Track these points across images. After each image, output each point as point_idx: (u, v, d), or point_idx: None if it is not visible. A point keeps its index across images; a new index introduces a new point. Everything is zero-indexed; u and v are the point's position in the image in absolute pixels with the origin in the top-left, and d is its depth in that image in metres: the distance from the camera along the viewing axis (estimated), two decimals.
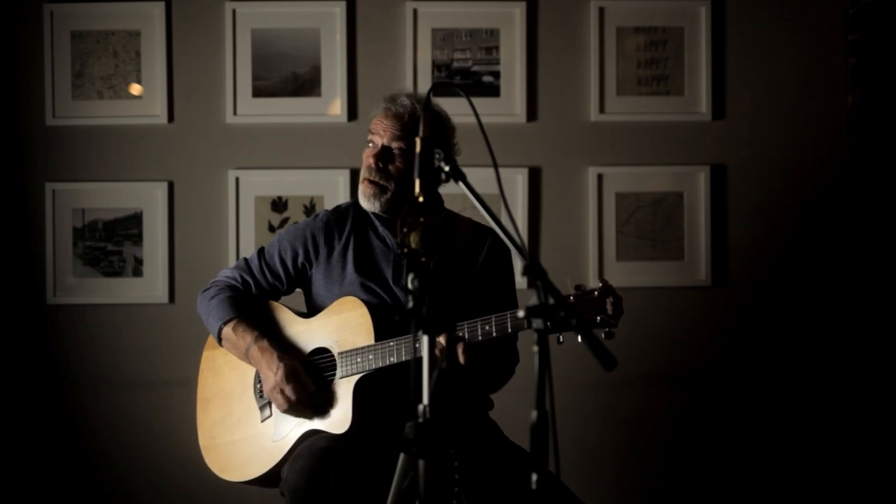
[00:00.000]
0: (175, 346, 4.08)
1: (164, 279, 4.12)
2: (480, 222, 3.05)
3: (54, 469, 4.11)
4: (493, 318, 2.71)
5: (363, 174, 3.00)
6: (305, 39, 4.14)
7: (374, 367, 2.84)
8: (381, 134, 2.97)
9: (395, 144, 2.96)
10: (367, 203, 3.01)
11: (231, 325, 3.01)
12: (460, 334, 2.72)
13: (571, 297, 2.65)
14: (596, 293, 2.65)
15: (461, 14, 4.16)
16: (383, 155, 2.96)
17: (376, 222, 3.06)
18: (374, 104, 3.09)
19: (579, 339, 2.07)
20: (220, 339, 3.05)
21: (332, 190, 4.12)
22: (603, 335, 2.64)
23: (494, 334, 2.72)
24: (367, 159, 2.98)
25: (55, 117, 4.11)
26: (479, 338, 2.73)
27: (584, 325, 2.03)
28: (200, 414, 3.14)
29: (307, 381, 2.90)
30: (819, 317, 4.18)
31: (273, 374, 2.90)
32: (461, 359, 2.70)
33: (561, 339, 2.58)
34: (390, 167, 2.96)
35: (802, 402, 4.18)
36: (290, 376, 2.89)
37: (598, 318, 2.63)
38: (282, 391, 2.88)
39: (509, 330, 2.70)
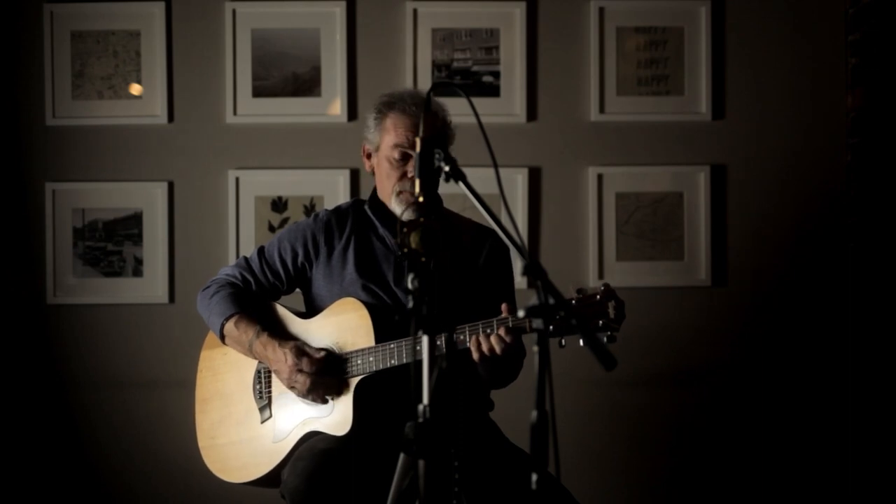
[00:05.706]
0: (175, 346, 4.08)
1: (164, 279, 4.12)
2: (481, 222, 3.04)
3: (54, 469, 4.11)
4: (495, 322, 2.69)
5: (404, 188, 2.93)
6: (305, 39, 4.14)
7: (374, 369, 2.83)
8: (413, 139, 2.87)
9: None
10: (409, 214, 2.85)
11: (233, 320, 3.00)
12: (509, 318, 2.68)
13: (573, 301, 2.62)
14: (598, 297, 2.62)
15: (461, 14, 4.15)
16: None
17: (377, 223, 3.05)
18: (373, 104, 3.04)
19: (581, 342, 2.07)
20: (222, 336, 3.04)
21: (332, 190, 4.12)
22: (605, 339, 2.61)
23: None
24: (405, 169, 2.91)
25: (55, 117, 4.11)
26: None
27: (584, 325, 2.03)
28: (199, 414, 3.14)
29: (314, 351, 2.89)
30: (819, 317, 4.18)
31: (283, 361, 2.89)
32: (507, 339, 2.66)
33: (563, 343, 2.57)
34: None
35: (802, 402, 4.18)
36: (299, 353, 2.88)
37: (601, 322, 2.61)
38: (299, 370, 2.87)
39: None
